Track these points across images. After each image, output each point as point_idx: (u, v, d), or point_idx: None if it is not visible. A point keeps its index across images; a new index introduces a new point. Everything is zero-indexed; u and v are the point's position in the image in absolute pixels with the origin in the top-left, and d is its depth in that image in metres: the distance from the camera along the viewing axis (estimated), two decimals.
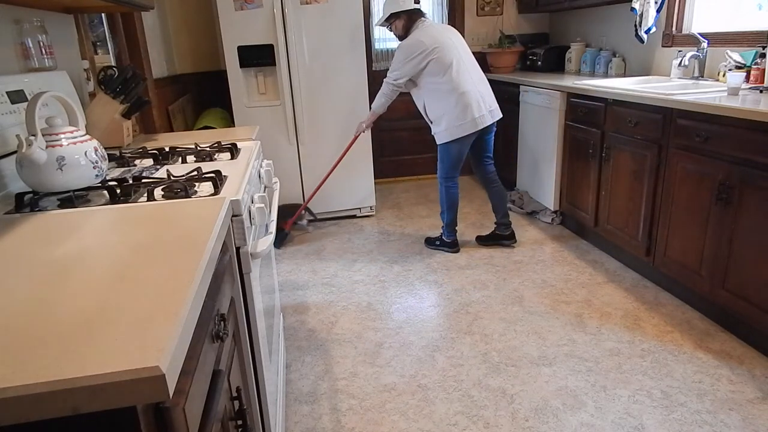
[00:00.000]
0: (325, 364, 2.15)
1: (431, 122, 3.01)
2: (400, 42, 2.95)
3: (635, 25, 3.13)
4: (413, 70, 2.89)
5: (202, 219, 1.01)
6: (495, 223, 3.22)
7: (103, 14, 2.50)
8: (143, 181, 1.32)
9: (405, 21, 2.93)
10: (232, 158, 1.62)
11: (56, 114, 1.29)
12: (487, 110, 2.93)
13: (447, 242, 3.18)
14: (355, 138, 3.36)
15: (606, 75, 3.62)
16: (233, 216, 1.16)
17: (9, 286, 0.77)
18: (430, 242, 3.27)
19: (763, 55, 2.42)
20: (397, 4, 2.90)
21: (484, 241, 3.27)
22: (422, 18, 2.95)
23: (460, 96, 2.85)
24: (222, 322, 0.92)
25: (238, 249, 1.19)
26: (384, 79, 3.01)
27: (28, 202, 1.20)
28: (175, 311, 0.66)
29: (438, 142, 3.01)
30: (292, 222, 3.49)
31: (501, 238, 3.22)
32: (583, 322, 2.34)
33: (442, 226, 3.18)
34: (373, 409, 1.87)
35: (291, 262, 3.15)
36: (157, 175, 1.43)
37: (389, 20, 2.95)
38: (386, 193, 4.49)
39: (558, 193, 3.38)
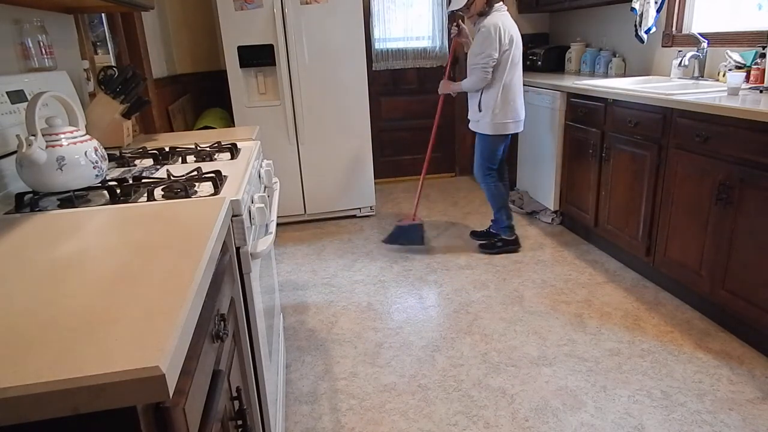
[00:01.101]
0: (325, 364, 2.15)
1: (479, 110, 2.93)
2: (482, 23, 2.77)
3: (635, 25, 3.13)
4: (499, 52, 2.75)
5: (202, 219, 1.01)
6: (492, 220, 3.23)
7: (103, 14, 2.50)
8: (143, 181, 1.32)
9: None
10: (232, 158, 1.62)
11: (56, 114, 1.29)
12: (522, 117, 2.99)
13: (510, 240, 3.11)
14: (441, 104, 3.19)
15: (606, 75, 3.62)
16: (233, 216, 1.16)
17: (9, 286, 0.77)
18: (488, 247, 3.14)
19: (763, 55, 2.42)
20: None
21: (478, 237, 3.29)
22: (502, 2, 2.82)
23: (515, 97, 2.88)
24: (222, 322, 0.92)
25: (238, 249, 1.19)
26: (471, 68, 2.85)
27: (28, 202, 1.20)
28: (175, 311, 0.66)
29: (478, 131, 2.97)
30: (416, 212, 3.39)
31: (494, 236, 3.22)
32: (583, 322, 2.34)
33: (501, 228, 3.10)
34: (373, 409, 1.87)
35: (291, 262, 3.15)
36: (157, 175, 1.43)
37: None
38: (386, 193, 4.49)
39: (558, 193, 3.38)
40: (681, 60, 2.92)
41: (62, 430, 0.56)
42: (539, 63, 4.23)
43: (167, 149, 1.70)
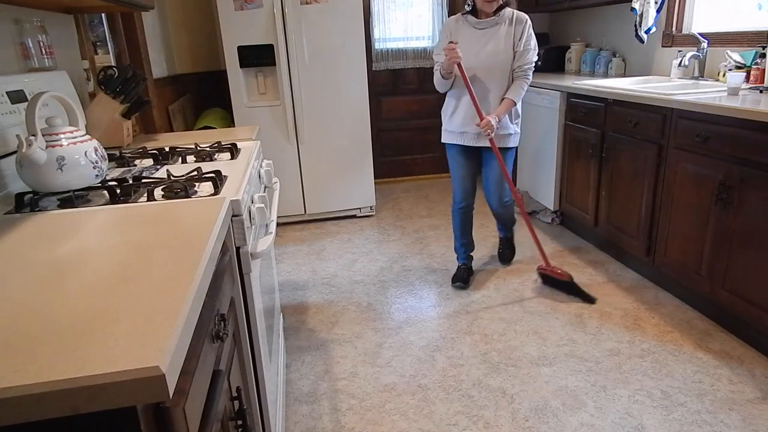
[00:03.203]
0: (325, 364, 2.15)
1: (512, 121, 2.59)
2: (515, 16, 2.61)
3: (635, 25, 3.13)
4: None
5: (202, 219, 1.01)
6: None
7: (103, 14, 2.50)
8: (143, 181, 1.32)
9: None
10: (232, 158, 1.62)
11: (56, 114, 1.29)
12: None
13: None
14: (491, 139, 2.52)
15: (606, 75, 3.62)
16: (233, 216, 1.16)
17: (9, 286, 0.77)
18: (507, 257, 2.98)
19: (763, 55, 2.42)
20: None
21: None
22: None
23: None
24: (222, 322, 0.92)
25: (238, 249, 1.19)
26: (524, 71, 2.53)
27: (28, 202, 1.20)
28: (175, 311, 0.66)
29: (510, 145, 2.63)
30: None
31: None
32: (583, 322, 2.34)
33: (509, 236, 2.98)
34: (373, 409, 1.87)
35: (291, 262, 3.15)
36: (157, 175, 1.43)
37: None
38: (386, 193, 4.49)
39: (558, 193, 3.38)
40: (681, 60, 2.92)
41: (62, 430, 0.56)
42: (539, 63, 4.20)
43: (167, 149, 1.70)
